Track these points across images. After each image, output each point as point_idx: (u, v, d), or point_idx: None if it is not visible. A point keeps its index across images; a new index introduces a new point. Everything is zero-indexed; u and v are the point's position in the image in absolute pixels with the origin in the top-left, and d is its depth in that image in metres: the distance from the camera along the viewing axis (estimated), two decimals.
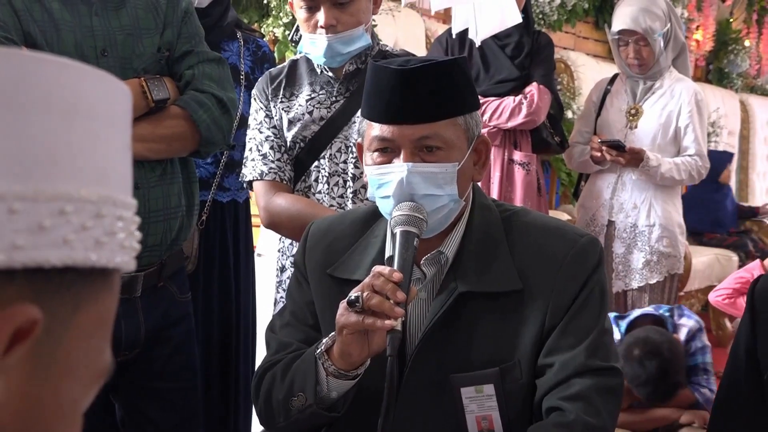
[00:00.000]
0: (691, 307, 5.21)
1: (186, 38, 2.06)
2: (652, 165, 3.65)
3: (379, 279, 1.46)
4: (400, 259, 1.49)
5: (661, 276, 3.78)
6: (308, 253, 1.74)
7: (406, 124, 1.54)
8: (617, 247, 3.81)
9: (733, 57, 7.75)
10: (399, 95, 1.53)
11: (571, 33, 6.32)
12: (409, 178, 1.53)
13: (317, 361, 1.55)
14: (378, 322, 1.44)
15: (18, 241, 0.51)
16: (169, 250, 2.05)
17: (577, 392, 1.52)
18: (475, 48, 3.73)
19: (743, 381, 1.88)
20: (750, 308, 1.89)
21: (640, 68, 3.79)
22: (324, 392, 1.56)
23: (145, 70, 1.98)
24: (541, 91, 3.73)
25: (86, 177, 0.55)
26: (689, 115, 3.74)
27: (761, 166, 7.73)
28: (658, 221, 3.75)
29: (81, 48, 1.92)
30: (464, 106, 1.58)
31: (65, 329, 0.54)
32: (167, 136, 1.98)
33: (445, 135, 1.55)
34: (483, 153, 1.65)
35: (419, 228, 1.53)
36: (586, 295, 1.58)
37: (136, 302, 2.02)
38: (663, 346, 2.73)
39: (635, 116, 3.81)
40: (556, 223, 1.71)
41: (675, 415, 2.88)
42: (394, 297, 1.44)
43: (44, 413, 0.52)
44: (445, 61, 1.56)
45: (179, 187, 2.05)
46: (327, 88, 2.34)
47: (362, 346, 1.50)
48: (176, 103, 2.00)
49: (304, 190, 2.34)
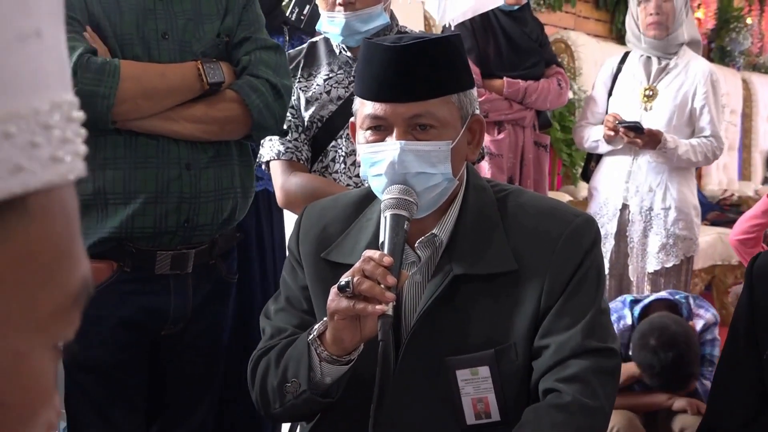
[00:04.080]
0: (694, 286, 5.20)
1: (246, 25, 2.10)
2: (670, 147, 3.59)
3: (370, 264, 1.45)
4: (390, 243, 1.49)
5: (678, 259, 3.71)
6: (302, 237, 1.73)
7: (399, 102, 1.53)
8: (633, 231, 3.74)
9: (735, 35, 7.71)
10: (391, 73, 1.52)
11: (571, 13, 6.28)
12: (402, 157, 1.52)
13: (310, 346, 1.54)
14: (369, 308, 1.44)
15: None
16: (220, 230, 2.09)
17: (574, 373, 1.51)
18: (499, 31, 3.79)
19: (742, 360, 1.87)
20: (749, 286, 1.88)
21: (658, 29, 3.69)
22: (318, 378, 1.55)
23: (203, 54, 2.03)
24: (563, 72, 3.97)
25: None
26: (704, 96, 3.68)
27: (764, 144, 7.70)
28: (674, 204, 3.68)
29: (142, 30, 1.98)
30: (458, 84, 1.57)
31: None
32: (220, 119, 2.02)
33: (438, 113, 1.54)
34: (477, 132, 1.64)
35: (409, 211, 1.52)
36: (581, 276, 1.56)
37: (187, 278, 2.06)
38: (680, 336, 2.70)
39: (651, 97, 3.75)
40: (552, 203, 1.70)
41: (669, 401, 2.87)
42: (385, 281, 1.43)
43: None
44: (438, 38, 1.55)
45: (233, 170, 2.09)
46: (345, 68, 2.35)
47: (354, 331, 1.50)
48: (230, 87, 2.04)
49: (321, 170, 2.35)
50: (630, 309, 2.91)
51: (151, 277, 2.02)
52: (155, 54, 1.99)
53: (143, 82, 1.93)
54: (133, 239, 1.98)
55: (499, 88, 3.74)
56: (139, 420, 2.12)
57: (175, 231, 2.00)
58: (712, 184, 6.88)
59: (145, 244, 1.99)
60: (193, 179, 2.00)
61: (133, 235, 1.97)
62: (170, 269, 2.03)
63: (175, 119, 1.98)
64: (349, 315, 1.47)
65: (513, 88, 3.75)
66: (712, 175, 6.92)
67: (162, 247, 2.01)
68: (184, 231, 2.01)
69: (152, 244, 2.00)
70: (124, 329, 2.01)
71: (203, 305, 2.12)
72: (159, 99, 1.95)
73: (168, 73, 1.97)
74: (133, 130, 1.96)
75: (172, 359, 2.14)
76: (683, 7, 3.71)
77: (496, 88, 3.72)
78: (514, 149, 3.80)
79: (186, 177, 2.00)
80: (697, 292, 5.14)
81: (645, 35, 3.75)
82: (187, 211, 2.00)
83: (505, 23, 3.84)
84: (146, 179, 1.96)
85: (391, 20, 2.36)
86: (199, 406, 2.18)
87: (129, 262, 2.00)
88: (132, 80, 1.91)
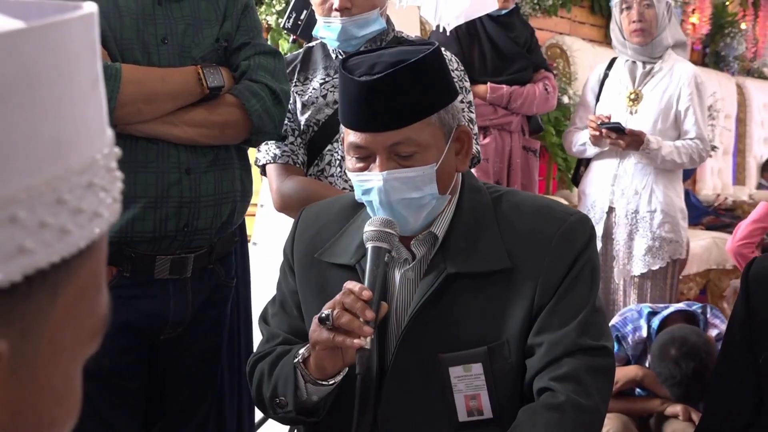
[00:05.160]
0: (689, 291, 5.21)
1: (244, 30, 2.12)
2: (653, 148, 3.62)
3: (350, 297, 1.48)
4: (371, 276, 1.51)
5: (664, 262, 3.74)
6: (297, 240, 1.75)
7: (377, 132, 1.52)
8: (618, 234, 3.78)
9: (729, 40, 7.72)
10: (365, 105, 1.51)
11: (566, 18, 6.30)
12: (386, 186, 1.53)
13: (296, 368, 1.57)
14: (347, 341, 1.47)
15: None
16: (219, 234, 2.10)
17: (567, 372, 1.52)
18: (484, 36, 3.79)
19: (738, 365, 1.88)
20: (744, 291, 1.89)
21: (642, 35, 3.73)
22: (304, 397, 1.58)
23: (203, 59, 2.05)
24: (552, 77, 3.96)
25: (33, 163, 0.44)
26: (689, 98, 3.70)
27: (758, 149, 7.71)
28: (660, 207, 3.71)
29: (142, 35, 2.00)
30: (437, 103, 1.55)
31: (45, 320, 0.47)
32: (220, 123, 2.04)
33: (418, 138, 1.53)
34: (465, 142, 1.63)
35: (390, 243, 1.54)
36: (575, 274, 1.57)
37: (186, 283, 2.07)
38: (701, 348, 2.70)
39: (635, 101, 3.78)
40: (546, 202, 1.71)
41: (662, 406, 2.88)
42: (363, 315, 1.46)
43: (36, 404, 0.48)
44: (412, 63, 1.49)
45: (232, 173, 2.10)
46: None
47: (335, 360, 1.53)
48: (230, 91, 2.06)
49: (317, 174, 2.35)
50: (647, 321, 2.91)
51: (150, 282, 2.03)
52: (155, 59, 2.00)
53: (144, 86, 1.94)
54: (132, 244, 1.99)
55: (482, 94, 3.75)
56: (138, 424, 2.12)
57: (175, 235, 2.00)
58: (706, 188, 6.89)
59: (144, 248, 2.00)
60: (193, 183, 2.01)
61: (132, 239, 1.98)
62: (169, 274, 2.04)
63: (175, 123, 1.99)
64: (329, 346, 1.50)
65: (496, 93, 3.76)
66: (706, 179, 6.93)
67: (161, 252, 2.01)
68: (183, 235, 2.01)
69: (152, 248, 2.00)
70: (124, 334, 2.01)
71: (202, 309, 2.13)
72: (160, 103, 1.96)
73: (169, 77, 1.98)
74: (133, 134, 1.97)
75: (171, 363, 2.15)
76: (665, 13, 3.74)
77: (479, 94, 3.72)
78: (501, 154, 3.81)
79: (186, 181, 2.00)
80: (692, 296, 5.15)
81: (629, 42, 3.79)
82: (187, 215, 2.01)
83: (491, 29, 3.86)
84: (146, 184, 1.97)
85: (387, 25, 2.37)
86: (198, 410, 2.19)
87: (128, 267, 2.00)
88: (133, 84, 1.92)
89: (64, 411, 0.51)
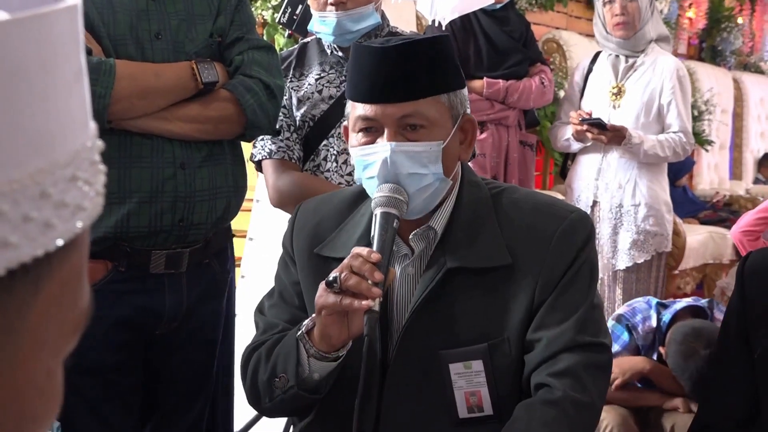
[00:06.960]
0: (685, 285, 5.22)
1: (238, 25, 2.12)
2: (635, 142, 3.64)
3: (357, 260, 1.46)
4: (379, 240, 1.50)
5: (649, 255, 3.77)
6: (296, 234, 1.74)
7: (389, 103, 1.54)
8: (603, 228, 3.79)
9: (726, 35, 7.72)
10: (380, 74, 1.53)
11: (563, 12, 6.29)
12: (393, 158, 1.53)
13: (299, 342, 1.55)
14: (355, 303, 1.45)
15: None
16: (214, 228, 2.10)
17: (565, 368, 1.52)
18: (479, 31, 3.79)
19: (734, 358, 1.89)
20: (740, 286, 1.89)
21: (624, 29, 3.73)
22: (306, 374, 1.56)
23: (196, 54, 2.05)
24: (548, 70, 3.95)
25: (17, 156, 0.44)
26: (672, 91, 3.71)
27: (755, 144, 7.72)
28: (644, 200, 3.73)
29: (136, 30, 2.00)
30: (448, 84, 1.58)
31: (27, 315, 0.47)
32: (214, 118, 2.04)
33: (427, 113, 1.55)
34: (469, 132, 1.65)
35: (399, 209, 1.53)
36: (575, 271, 1.58)
37: (182, 278, 2.07)
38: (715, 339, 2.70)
39: (618, 95, 3.80)
40: (547, 199, 1.72)
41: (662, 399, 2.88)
42: (372, 277, 1.45)
43: (17, 399, 0.48)
44: (427, 38, 1.57)
45: (226, 168, 2.11)
46: (336, 68, 2.37)
47: (341, 327, 1.51)
48: (224, 86, 2.06)
49: (313, 169, 2.36)
50: (657, 312, 2.91)
51: (145, 277, 2.03)
52: (149, 54, 2.00)
53: (139, 82, 1.94)
54: (128, 239, 1.99)
55: (479, 89, 3.75)
56: (133, 419, 2.12)
57: (170, 230, 2.01)
58: (703, 183, 6.90)
59: (140, 243, 2.00)
60: (187, 178, 2.02)
61: (128, 234, 1.98)
62: (165, 268, 2.04)
63: (170, 119, 1.99)
64: (336, 310, 1.48)
65: (493, 88, 3.76)
66: (703, 174, 6.94)
67: (157, 247, 2.01)
68: (179, 230, 2.02)
69: (147, 243, 2.00)
70: (119, 329, 2.01)
71: (197, 304, 2.13)
72: (154, 98, 1.96)
73: (163, 72, 1.98)
74: (128, 129, 1.97)
75: (166, 358, 2.15)
76: (648, 6, 3.75)
77: (476, 89, 3.73)
78: (498, 149, 3.81)
79: (180, 176, 2.01)
80: (689, 291, 5.15)
81: (612, 35, 3.79)
82: (182, 210, 2.01)
83: (486, 23, 3.85)
84: (141, 179, 1.97)
85: (382, 20, 2.37)
86: (193, 405, 2.19)
87: (124, 262, 2.00)
88: (127, 79, 1.92)
89: (46, 406, 0.51)
